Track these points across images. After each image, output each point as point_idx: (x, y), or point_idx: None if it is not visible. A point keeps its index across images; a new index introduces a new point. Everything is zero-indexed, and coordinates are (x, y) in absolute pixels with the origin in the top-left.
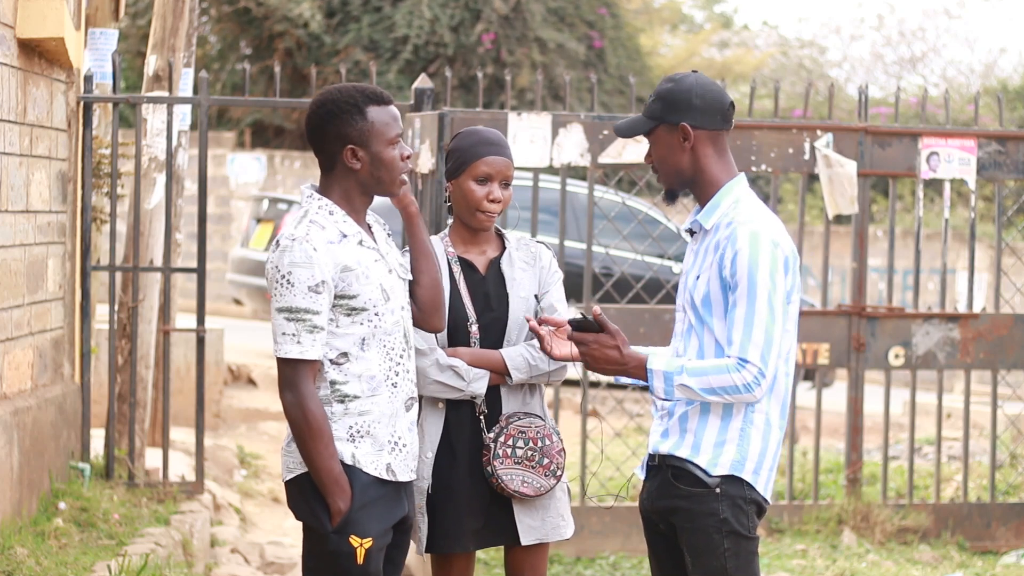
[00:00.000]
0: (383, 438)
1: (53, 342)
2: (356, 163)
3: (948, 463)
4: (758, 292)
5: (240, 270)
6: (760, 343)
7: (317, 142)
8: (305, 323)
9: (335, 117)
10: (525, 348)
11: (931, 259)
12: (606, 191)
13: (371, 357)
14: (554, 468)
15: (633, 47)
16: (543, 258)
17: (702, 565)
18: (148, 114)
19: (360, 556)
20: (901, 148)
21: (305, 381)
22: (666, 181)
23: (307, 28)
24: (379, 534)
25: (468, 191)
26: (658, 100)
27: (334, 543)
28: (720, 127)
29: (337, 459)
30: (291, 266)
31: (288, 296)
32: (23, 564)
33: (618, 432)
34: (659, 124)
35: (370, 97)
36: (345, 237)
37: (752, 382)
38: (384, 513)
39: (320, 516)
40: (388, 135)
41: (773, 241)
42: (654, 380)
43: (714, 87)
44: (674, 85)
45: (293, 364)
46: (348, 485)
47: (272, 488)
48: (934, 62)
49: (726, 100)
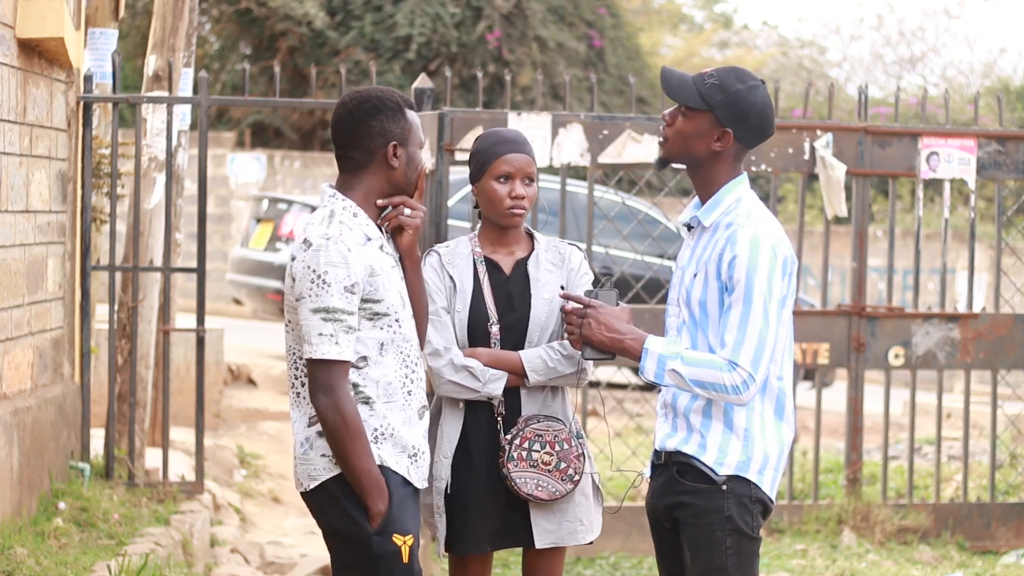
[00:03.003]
0: (403, 443)
1: (53, 342)
2: (396, 160)
3: (948, 463)
4: (754, 297)
5: (240, 270)
6: (752, 348)
7: (356, 138)
8: (342, 323)
9: (380, 113)
10: (544, 350)
11: (931, 259)
12: (606, 191)
13: (388, 363)
14: (571, 473)
15: (633, 47)
16: (572, 259)
17: (702, 562)
18: (148, 114)
19: (405, 555)
20: (901, 148)
21: (341, 383)
22: (670, 153)
23: (310, 26)
24: (417, 532)
25: (491, 191)
26: (721, 90)
27: (378, 545)
28: (752, 147)
29: (374, 460)
30: (328, 266)
31: (324, 296)
32: (23, 564)
33: (618, 432)
34: (707, 111)
35: (407, 101)
36: (369, 240)
37: (740, 385)
38: (416, 512)
39: (358, 520)
40: (420, 138)
41: (773, 245)
42: (647, 360)
43: (771, 111)
44: (745, 91)
45: (329, 366)
46: (386, 486)
47: (272, 488)
48: (934, 62)
49: (773, 128)
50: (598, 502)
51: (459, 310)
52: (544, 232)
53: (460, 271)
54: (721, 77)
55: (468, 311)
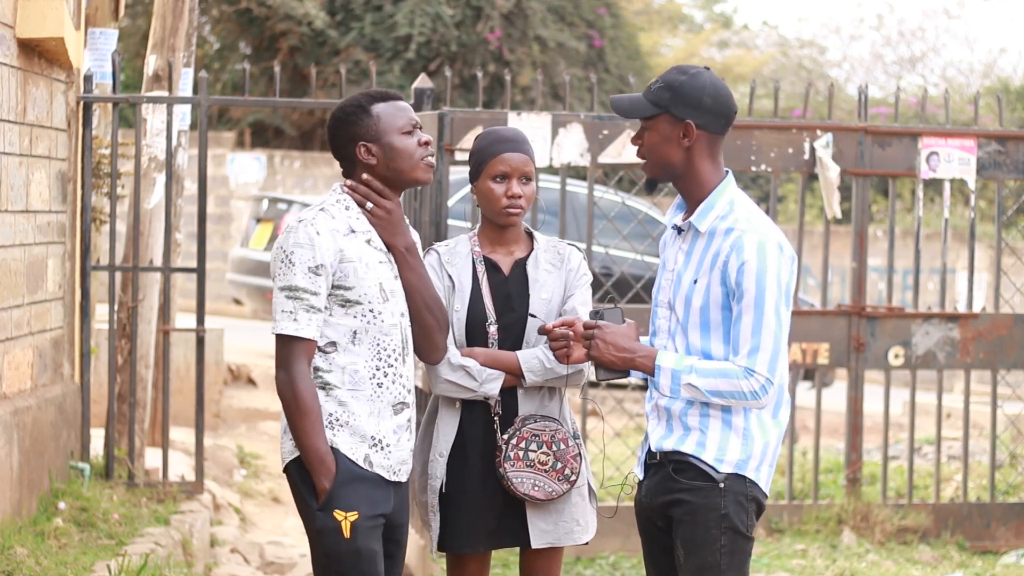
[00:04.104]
0: (363, 432)
1: (53, 342)
2: (371, 158)
3: (948, 463)
4: (766, 302)
5: (240, 270)
6: (768, 353)
7: (335, 149)
8: (303, 302)
9: (343, 121)
10: (541, 350)
11: (931, 259)
12: (606, 191)
13: (360, 352)
14: (568, 473)
15: (633, 47)
16: (572, 260)
17: (696, 559)
18: (148, 114)
19: (346, 530)
20: (901, 148)
21: (299, 360)
22: (651, 171)
23: (310, 26)
24: (367, 511)
25: (487, 190)
26: (667, 89)
27: (321, 520)
28: (722, 132)
29: (325, 440)
30: (294, 246)
31: (288, 275)
32: (23, 564)
33: (618, 432)
34: (662, 113)
35: (374, 96)
36: (354, 232)
37: (759, 390)
38: (369, 494)
39: (307, 498)
40: (398, 124)
41: (779, 246)
42: (661, 376)
43: (725, 90)
44: (688, 79)
45: (288, 342)
46: (334, 465)
47: (272, 488)
48: (934, 62)
49: (734, 107)
50: (593, 502)
51: (457, 309)
52: (544, 232)
53: (459, 270)
54: (664, 78)
55: (466, 311)
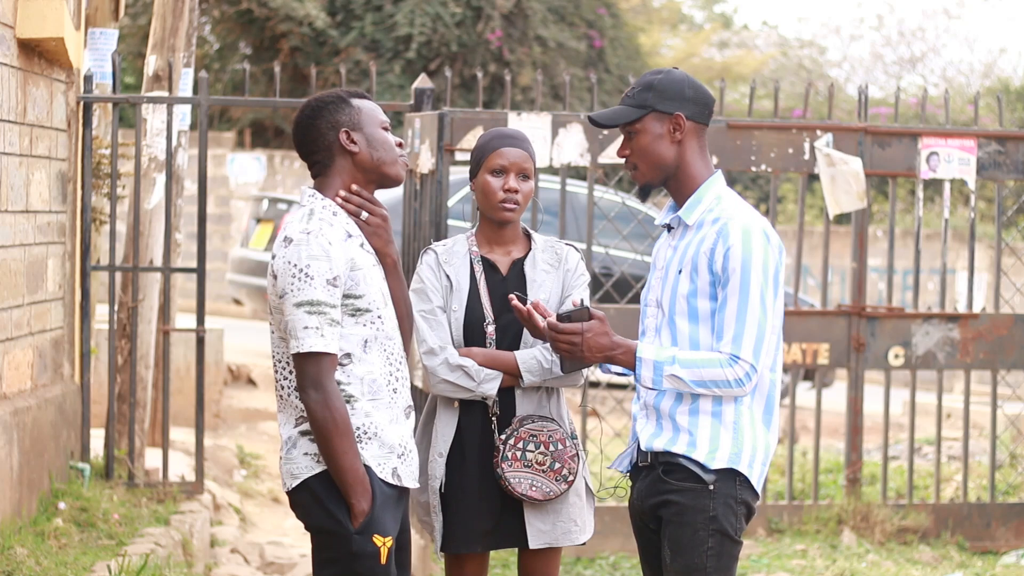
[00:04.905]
0: (390, 441)
1: (53, 342)
2: (354, 145)
3: (948, 463)
4: (751, 287)
5: (240, 270)
6: (752, 339)
7: (310, 142)
8: (326, 316)
9: (322, 111)
10: (539, 351)
11: (931, 259)
12: (606, 191)
13: (373, 360)
14: (565, 473)
15: (633, 47)
16: (569, 260)
17: (682, 560)
18: (148, 114)
19: (383, 556)
20: (901, 148)
21: (329, 377)
22: (644, 176)
23: (311, 26)
24: (395, 534)
25: (484, 184)
26: (648, 90)
27: (358, 544)
28: (707, 122)
29: (360, 459)
30: (309, 259)
31: (307, 289)
32: (23, 564)
33: (618, 432)
34: (649, 113)
35: (352, 92)
36: (350, 237)
37: (743, 377)
38: (396, 515)
39: (340, 518)
40: (378, 118)
41: (765, 234)
42: (642, 368)
43: (697, 82)
44: (664, 76)
45: (317, 359)
46: (370, 485)
47: (272, 488)
48: (934, 62)
49: (712, 97)
50: (591, 502)
51: (455, 309)
52: (544, 232)
53: (457, 270)
54: (639, 82)
55: (464, 311)
